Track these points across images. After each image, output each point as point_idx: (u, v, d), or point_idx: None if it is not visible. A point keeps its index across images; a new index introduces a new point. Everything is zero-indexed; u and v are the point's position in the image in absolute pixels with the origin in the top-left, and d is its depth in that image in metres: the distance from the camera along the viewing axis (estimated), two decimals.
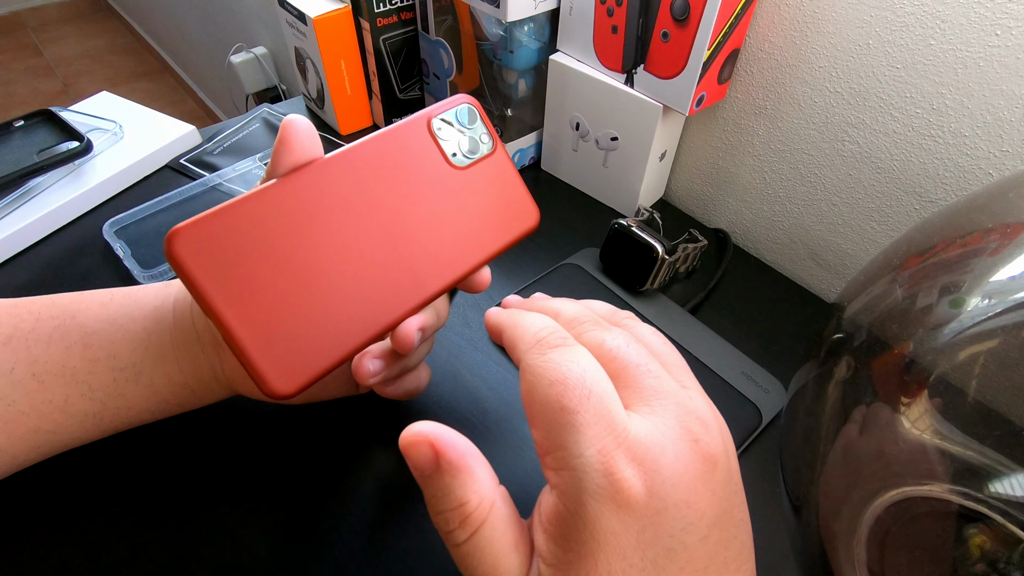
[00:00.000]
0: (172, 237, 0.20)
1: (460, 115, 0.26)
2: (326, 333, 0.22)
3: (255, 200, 0.21)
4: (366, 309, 0.23)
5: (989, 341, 0.18)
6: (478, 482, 0.18)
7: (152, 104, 0.73)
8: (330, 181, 0.23)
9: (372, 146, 0.24)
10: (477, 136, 0.27)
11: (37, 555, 0.27)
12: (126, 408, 0.27)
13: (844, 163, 0.39)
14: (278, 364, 0.21)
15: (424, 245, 0.25)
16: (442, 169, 0.25)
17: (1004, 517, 0.16)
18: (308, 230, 0.22)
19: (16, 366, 0.25)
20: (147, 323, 0.26)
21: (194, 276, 0.20)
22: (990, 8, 0.30)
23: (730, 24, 0.36)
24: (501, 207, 0.27)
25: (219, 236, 0.20)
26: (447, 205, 0.25)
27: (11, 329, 0.25)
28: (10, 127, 0.46)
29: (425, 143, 0.25)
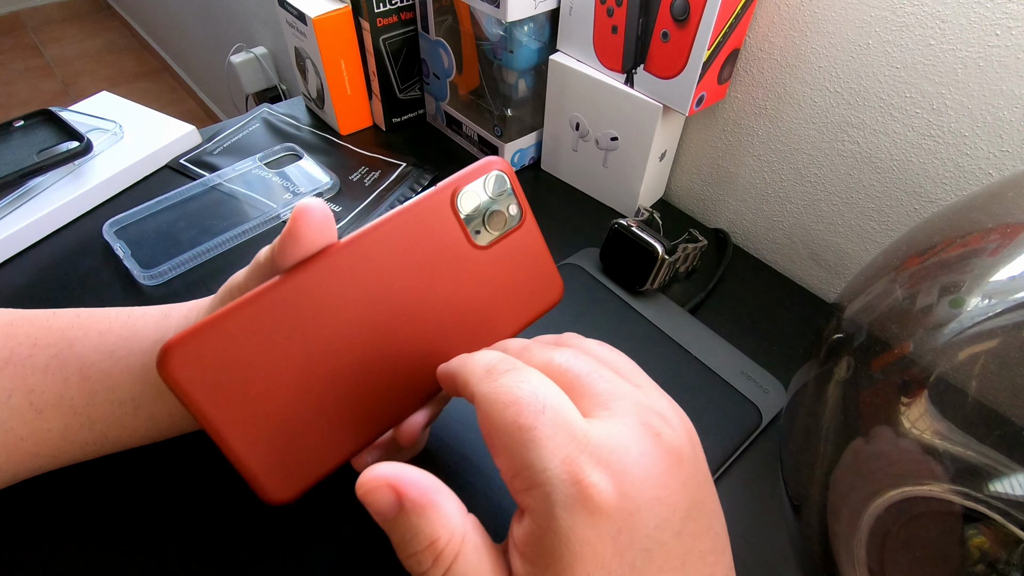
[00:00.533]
0: (166, 353, 0.19)
1: (488, 184, 0.24)
2: (327, 438, 0.21)
3: (253, 304, 0.20)
4: (371, 409, 0.22)
5: (989, 341, 0.18)
6: (446, 516, 0.18)
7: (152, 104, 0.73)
8: (339, 275, 0.21)
9: (389, 228, 0.22)
10: (504, 208, 0.24)
11: (36, 556, 0.27)
12: (126, 437, 0.27)
13: (844, 163, 0.39)
14: (276, 474, 0.20)
15: (438, 335, 0.23)
16: (463, 251, 0.23)
17: (1004, 517, 0.16)
18: (313, 331, 0.21)
19: (13, 393, 0.24)
20: (145, 357, 0.26)
21: (189, 395, 0.19)
22: (990, 8, 0.30)
23: (730, 24, 0.36)
24: (523, 284, 0.25)
25: (214, 348, 0.19)
26: (465, 290, 0.24)
27: (7, 353, 0.25)
28: (10, 127, 0.46)
29: (446, 222, 0.23)
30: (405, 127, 0.57)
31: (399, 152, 0.53)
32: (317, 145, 0.54)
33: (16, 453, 0.25)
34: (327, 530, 0.29)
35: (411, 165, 0.51)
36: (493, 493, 0.31)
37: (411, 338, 0.23)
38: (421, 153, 0.54)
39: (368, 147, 0.54)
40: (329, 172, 0.49)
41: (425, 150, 0.54)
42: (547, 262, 0.26)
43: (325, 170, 0.49)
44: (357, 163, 0.52)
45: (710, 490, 0.19)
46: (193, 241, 0.42)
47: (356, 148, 0.54)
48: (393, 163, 0.52)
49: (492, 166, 0.24)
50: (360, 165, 0.51)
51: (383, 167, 0.51)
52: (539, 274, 0.26)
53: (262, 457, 0.20)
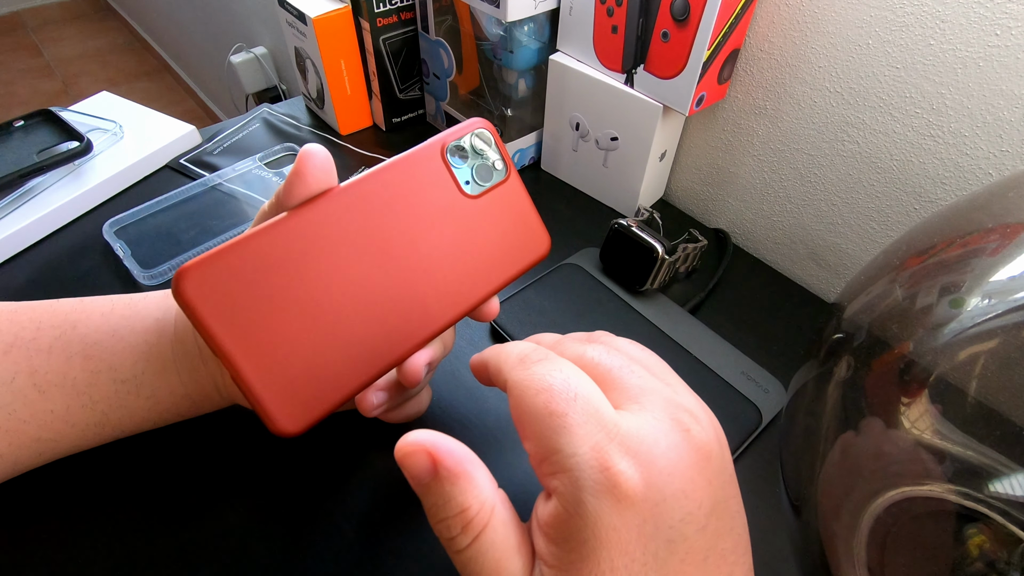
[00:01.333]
0: (180, 276, 0.20)
1: (474, 140, 0.26)
2: (334, 370, 0.22)
3: (264, 236, 0.21)
4: (374, 344, 0.23)
5: (989, 341, 0.18)
6: (478, 487, 0.18)
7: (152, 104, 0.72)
8: (341, 214, 0.22)
9: (385, 175, 0.24)
10: (491, 162, 0.26)
11: (36, 556, 0.27)
12: (127, 418, 0.27)
13: (844, 163, 0.39)
14: (285, 403, 0.21)
15: (434, 277, 0.24)
16: (454, 198, 0.25)
17: (1004, 517, 0.16)
18: (317, 266, 0.22)
19: (17, 376, 0.25)
20: (148, 336, 0.26)
21: (202, 317, 0.20)
22: (990, 8, 0.30)
23: (730, 24, 0.36)
24: (512, 235, 0.27)
25: (227, 274, 0.20)
26: (458, 235, 0.25)
27: (12, 338, 0.25)
28: (10, 127, 0.46)
29: (438, 171, 0.25)
30: (405, 127, 0.57)
31: (399, 152, 0.53)
32: None
33: (18, 437, 0.25)
34: (327, 531, 0.29)
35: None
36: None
37: (410, 279, 0.24)
38: None
39: (368, 147, 0.54)
40: None
41: None
42: (533, 215, 0.27)
43: None
44: (357, 163, 0.52)
45: (735, 491, 0.19)
46: (193, 241, 0.42)
47: (356, 148, 0.54)
48: None
49: (476, 124, 0.26)
50: (360, 165, 0.51)
51: None
52: (526, 226, 0.27)
53: (271, 384, 0.21)
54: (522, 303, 0.39)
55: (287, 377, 0.21)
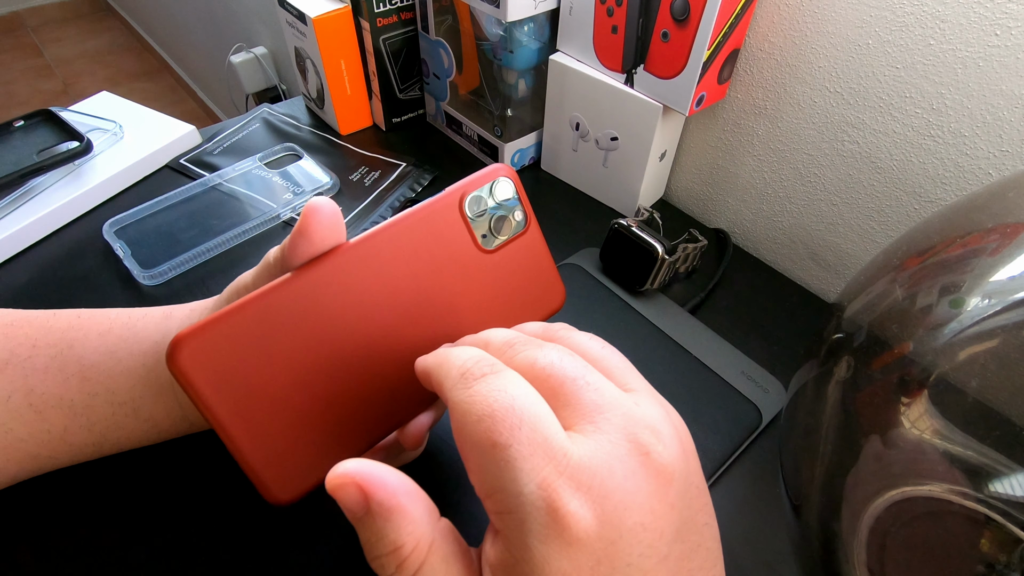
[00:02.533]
0: (175, 346, 0.19)
1: (495, 190, 0.25)
2: (333, 438, 0.21)
3: (263, 300, 0.20)
4: (375, 410, 0.22)
5: (989, 341, 0.18)
6: (413, 522, 0.17)
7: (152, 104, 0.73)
8: (347, 275, 0.21)
9: (398, 229, 0.23)
10: (511, 214, 0.25)
11: (36, 556, 0.27)
12: (126, 439, 0.27)
13: (844, 163, 0.39)
14: (280, 474, 0.20)
15: (444, 336, 0.23)
16: (469, 254, 0.24)
17: (1004, 517, 0.16)
18: (321, 330, 0.21)
19: (13, 394, 0.24)
20: (147, 359, 0.26)
21: (197, 389, 0.19)
22: (990, 8, 0.30)
23: (730, 24, 0.36)
24: (528, 289, 0.26)
25: (223, 344, 0.20)
26: (471, 292, 0.24)
27: (7, 355, 0.25)
28: (10, 127, 0.46)
29: (455, 225, 0.24)
30: (405, 127, 0.57)
31: (399, 152, 0.53)
32: (317, 145, 0.54)
33: (16, 455, 0.25)
34: (327, 531, 0.29)
35: (411, 165, 0.51)
36: None
37: (418, 339, 0.23)
38: (421, 153, 0.54)
39: (368, 147, 0.54)
40: (329, 172, 0.49)
41: (425, 150, 0.54)
42: (550, 268, 0.26)
43: (325, 170, 0.49)
44: (357, 163, 0.52)
45: (703, 503, 0.18)
46: (193, 241, 0.42)
47: (356, 148, 0.54)
48: (393, 163, 0.52)
49: (499, 172, 0.25)
50: (360, 165, 0.51)
51: (383, 167, 0.51)
52: (542, 280, 0.26)
53: (266, 455, 0.20)
54: None
55: (283, 447, 0.20)
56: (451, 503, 0.30)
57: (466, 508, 0.30)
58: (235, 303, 0.20)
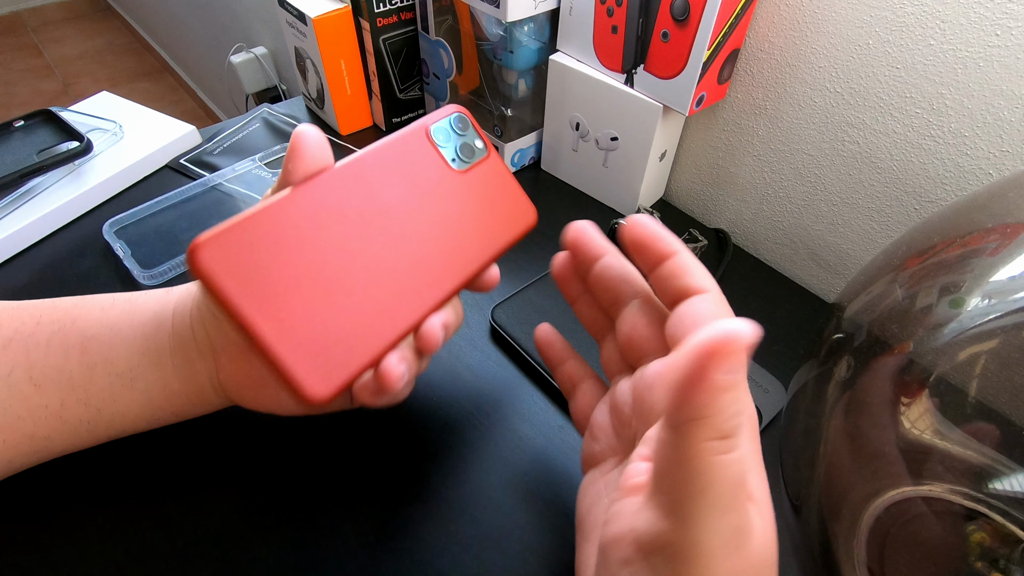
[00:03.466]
0: (195, 249, 0.19)
1: (453, 123, 0.27)
2: (354, 336, 0.22)
3: (272, 210, 0.21)
4: (389, 310, 0.23)
5: (989, 341, 0.18)
6: None
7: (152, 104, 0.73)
8: (341, 190, 0.23)
9: (377, 154, 0.25)
10: (471, 142, 0.28)
11: (37, 557, 0.27)
12: (120, 415, 0.27)
13: (844, 163, 0.39)
14: (311, 370, 0.21)
15: (436, 246, 0.25)
16: (444, 173, 0.26)
17: (1003, 516, 0.16)
18: (325, 238, 0.22)
19: (14, 370, 0.25)
20: (146, 328, 0.26)
21: (221, 286, 0.20)
22: (990, 8, 0.30)
23: (730, 24, 0.36)
24: (502, 207, 0.28)
25: (241, 246, 0.20)
26: (452, 207, 0.26)
27: (12, 332, 0.25)
28: (10, 127, 0.46)
29: (426, 149, 0.26)
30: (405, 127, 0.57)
31: None
32: None
33: (13, 434, 0.25)
34: (327, 532, 0.29)
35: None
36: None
37: (413, 248, 0.25)
38: None
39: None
40: None
41: None
42: (518, 189, 0.29)
43: None
44: None
45: None
46: None
47: (356, 148, 0.54)
48: None
49: (452, 109, 0.28)
50: None
51: None
52: (513, 198, 0.29)
53: (294, 354, 0.20)
54: (522, 303, 0.39)
55: (309, 343, 0.21)
56: (451, 501, 0.30)
57: (466, 508, 0.30)
58: (247, 212, 0.21)
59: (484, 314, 0.40)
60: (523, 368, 0.37)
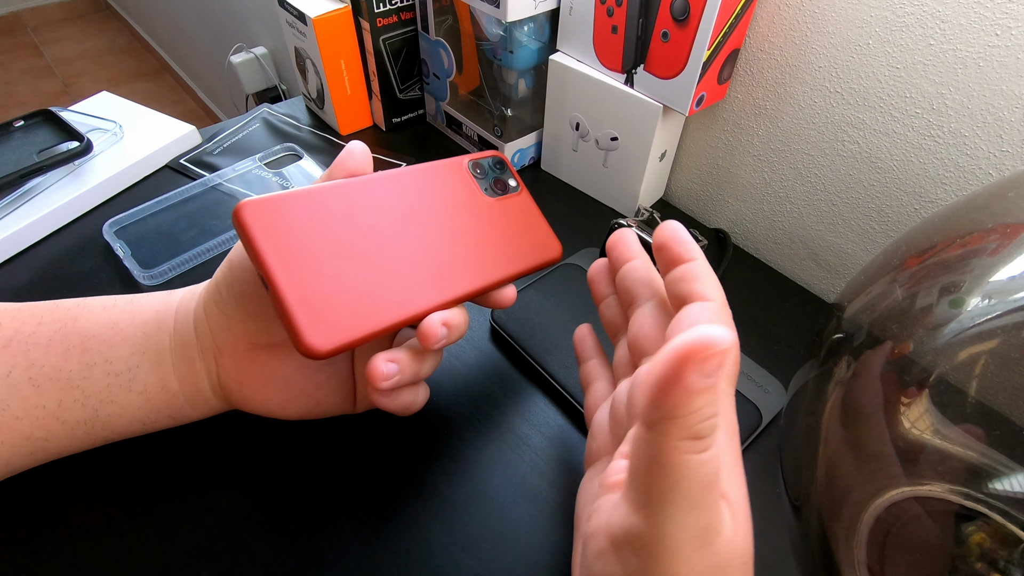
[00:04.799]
0: (241, 206, 0.23)
1: (491, 163, 0.31)
2: (363, 307, 0.24)
3: (316, 191, 0.25)
4: (401, 294, 0.25)
5: (989, 341, 0.18)
6: None
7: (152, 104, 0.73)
8: (380, 189, 0.26)
9: (417, 170, 0.28)
10: (505, 179, 0.31)
11: (36, 556, 0.27)
12: (117, 416, 0.27)
13: (844, 163, 0.39)
14: (315, 324, 0.22)
15: (457, 253, 0.27)
16: (477, 197, 0.30)
17: (1004, 517, 0.16)
18: (355, 222, 0.25)
19: (13, 369, 0.25)
20: (147, 327, 0.26)
21: (253, 237, 0.22)
22: (990, 8, 0.30)
23: (730, 24, 0.36)
24: (527, 236, 0.30)
25: (280, 211, 0.23)
26: (480, 225, 0.29)
27: (12, 332, 0.25)
28: (10, 127, 0.46)
29: (463, 176, 0.30)
30: (405, 127, 0.57)
31: (399, 152, 0.53)
32: (317, 145, 0.54)
33: (10, 434, 0.25)
34: (327, 532, 0.29)
35: (411, 165, 0.51)
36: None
37: (436, 249, 0.27)
38: (421, 153, 0.54)
39: (368, 147, 0.54)
40: None
41: (425, 150, 0.54)
42: (545, 225, 0.31)
43: (325, 170, 0.49)
44: None
45: None
46: (193, 241, 0.42)
47: None
48: (393, 163, 0.52)
49: (491, 153, 0.32)
50: None
51: (383, 167, 0.51)
52: (540, 232, 0.31)
53: (302, 305, 0.22)
54: (522, 303, 0.39)
55: (319, 302, 0.23)
56: (451, 501, 0.30)
57: (466, 508, 0.30)
58: (290, 190, 0.24)
59: (484, 314, 0.40)
60: (523, 368, 0.37)
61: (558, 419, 0.34)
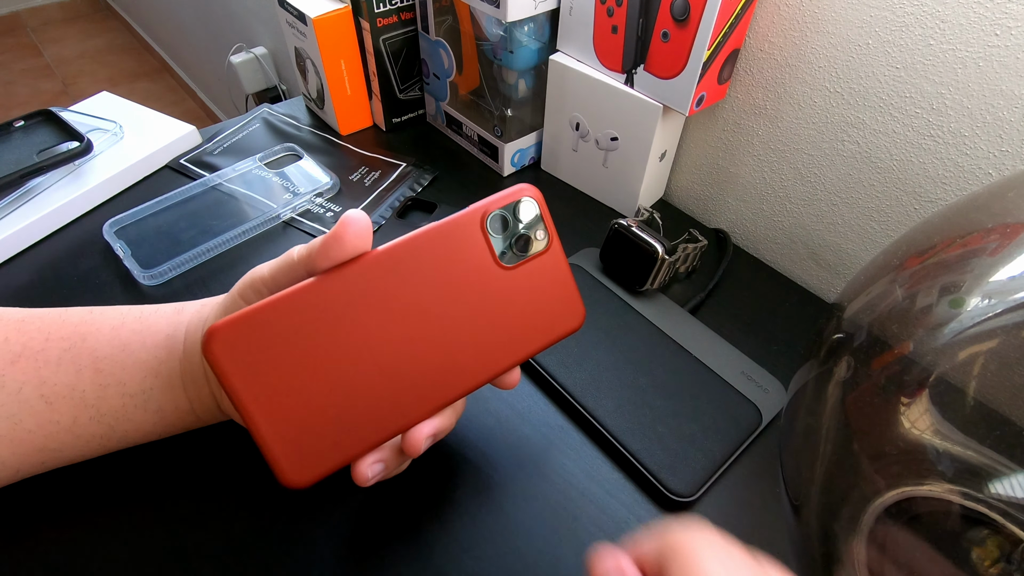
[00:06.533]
0: (211, 335, 0.21)
1: (518, 210, 0.25)
2: (345, 432, 0.23)
3: (294, 298, 0.22)
4: (388, 410, 0.23)
5: (989, 341, 0.18)
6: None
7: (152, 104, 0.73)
8: (371, 281, 0.23)
9: (421, 242, 0.23)
10: (532, 232, 0.25)
11: (36, 556, 0.27)
12: (133, 431, 0.27)
13: (844, 163, 0.39)
14: (294, 461, 0.22)
15: (458, 348, 0.24)
16: (489, 270, 0.25)
17: (1004, 517, 0.16)
18: (344, 330, 0.22)
19: (24, 386, 0.25)
20: (159, 351, 0.26)
21: (227, 376, 0.21)
22: (990, 8, 0.30)
23: (730, 24, 0.36)
24: (546, 306, 0.26)
25: (255, 335, 0.21)
26: (489, 307, 0.25)
27: (20, 347, 0.25)
28: (10, 127, 0.46)
29: (475, 241, 0.24)
30: (405, 127, 0.57)
31: (399, 152, 0.53)
32: (317, 145, 0.54)
33: (22, 447, 0.25)
34: (327, 532, 0.29)
35: (411, 165, 0.51)
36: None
37: (433, 348, 0.24)
38: (421, 153, 0.54)
39: (368, 147, 0.54)
40: (329, 172, 0.49)
41: (425, 150, 0.54)
42: (571, 287, 0.27)
43: (325, 170, 0.49)
44: (357, 163, 0.52)
45: None
46: (193, 241, 0.42)
47: (356, 148, 0.54)
48: (393, 163, 0.52)
49: (523, 192, 0.25)
50: (360, 165, 0.51)
51: (383, 167, 0.51)
52: (562, 298, 0.26)
53: (284, 441, 0.22)
54: None
55: (300, 435, 0.22)
56: (451, 501, 0.30)
57: (466, 508, 0.30)
58: (266, 300, 0.21)
59: None
60: (523, 368, 0.37)
61: (558, 419, 0.34)
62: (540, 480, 0.31)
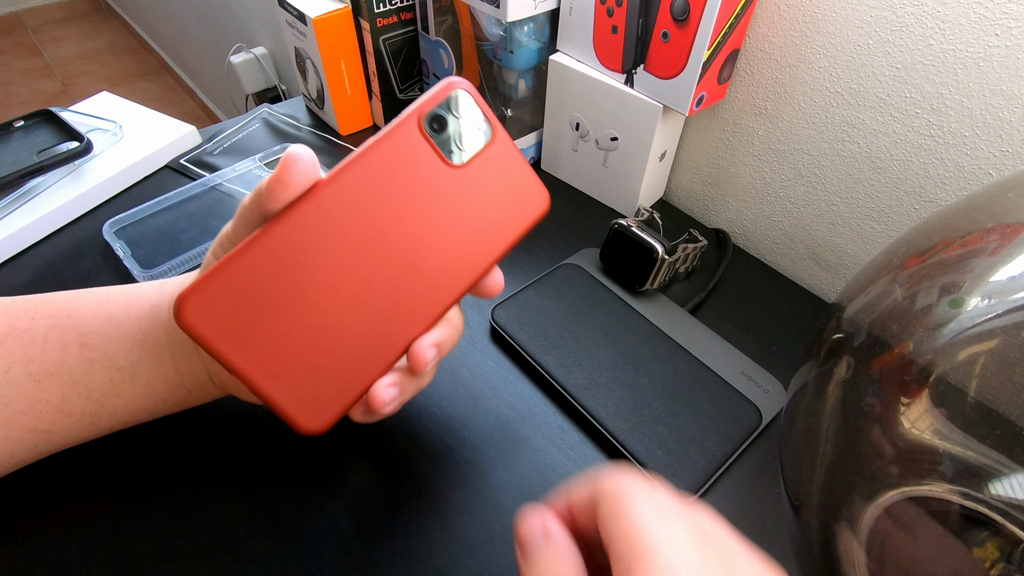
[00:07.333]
0: (181, 303, 0.20)
1: (453, 105, 0.24)
2: (346, 366, 0.22)
3: (254, 248, 0.21)
4: (381, 335, 0.23)
5: (989, 341, 0.18)
6: None
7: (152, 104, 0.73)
8: (327, 212, 0.22)
9: (365, 161, 0.23)
10: (474, 124, 0.24)
11: (35, 554, 0.27)
12: (123, 407, 0.27)
13: (844, 163, 0.39)
14: (306, 405, 0.21)
15: (432, 257, 0.24)
16: (440, 172, 0.24)
17: (1004, 517, 0.16)
18: (312, 267, 0.22)
19: (12, 365, 0.25)
20: (143, 322, 0.26)
21: (208, 340, 0.20)
22: (990, 8, 0.30)
23: (730, 24, 0.36)
24: (508, 197, 0.25)
25: (225, 293, 0.20)
26: (451, 209, 0.24)
27: (7, 328, 0.25)
28: (10, 127, 0.46)
29: (418, 146, 0.23)
30: None
31: None
32: (317, 145, 0.54)
33: (14, 428, 0.25)
34: (327, 531, 0.29)
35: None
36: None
37: (407, 264, 0.23)
38: None
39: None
40: None
41: None
42: (527, 172, 0.26)
43: (325, 170, 0.49)
44: None
45: None
46: (193, 241, 0.42)
47: (354, 148, 0.53)
48: None
49: (454, 86, 0.24)
50: None
51: None
52: (521, 185, 0.26)
53: (288, 390, 0.21)
54: (522, 303, 0.39)
55: (302, 380, 0.21)
56: (451, 501, 0.30)
57: (466, 508, 0.30)
58: (227, 255, 0.21)
59: (484, 314, 0.40)
60: (523, 368, 0.37)
61: (558, 419, 0.34)
62: (541, 480, 0.31)
